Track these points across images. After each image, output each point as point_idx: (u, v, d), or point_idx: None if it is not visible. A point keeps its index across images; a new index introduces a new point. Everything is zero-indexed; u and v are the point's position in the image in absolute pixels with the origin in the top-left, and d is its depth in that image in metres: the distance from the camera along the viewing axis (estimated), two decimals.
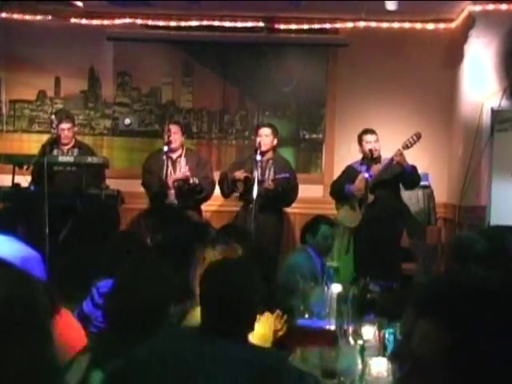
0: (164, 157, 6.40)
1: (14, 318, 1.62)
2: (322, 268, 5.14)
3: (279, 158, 6.72)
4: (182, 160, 6.56)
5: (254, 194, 6.07)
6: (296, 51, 7.64)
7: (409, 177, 6.25)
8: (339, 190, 6.52)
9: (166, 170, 6.40)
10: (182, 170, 6.48)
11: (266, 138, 6.50)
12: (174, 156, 6.53)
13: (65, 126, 6.63)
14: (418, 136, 6.20)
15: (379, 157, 6.36)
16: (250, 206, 6.11)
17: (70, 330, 2.49)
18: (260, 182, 6.23)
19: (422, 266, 4.93)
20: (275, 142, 6.61)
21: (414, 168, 6.26)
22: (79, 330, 2.62)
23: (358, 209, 6.34)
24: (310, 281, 4.18)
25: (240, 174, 6.38)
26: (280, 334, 3.45)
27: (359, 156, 6.55)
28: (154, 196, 6.55)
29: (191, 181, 6.35)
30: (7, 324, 1.61)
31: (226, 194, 6.63)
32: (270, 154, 6.56)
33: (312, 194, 7.37)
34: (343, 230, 6.54)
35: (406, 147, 6.18)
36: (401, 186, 6.44)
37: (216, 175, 6.81)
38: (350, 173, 6.50)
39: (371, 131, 6.43)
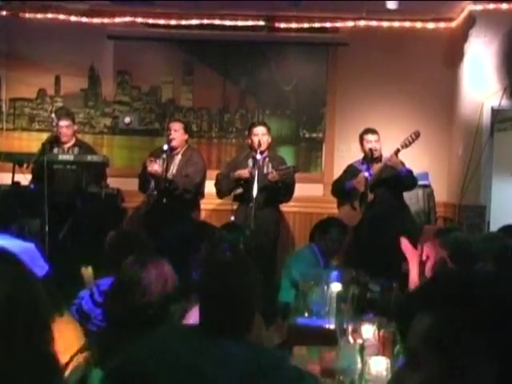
0: (164, 155, 6.40)
1: (15, 316, 1.62)
2: (325, 267, 5.13)
3: (275, 155, 6.75)
4: (178, 157, 6.56)
5: (254, 192, 6.07)
6: (296, 50, 7.64)
7: (403, 180, 6.23)
8: (340, 188, 6.53)
9: (162, 166, 6.38)
10: (176, 167, 6.49)
11: (263, 136, 6.51)
12: (173, 153, 6.53)
13: (64, 123, 6.65)
14: (417, 134, 6.20)
15: (380, 156, 6.36)
16: (250, 205, 6.10)
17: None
18: (263, 177, 6.23)
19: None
20: (270, 139, 6.62)
21: (409, 172, 6.24)
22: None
23: (359, 208, 6.34)
24: (309, 279, 4.17)
25: (245, 172, 6.36)
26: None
27: (359, 155, 6.55)
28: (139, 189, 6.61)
29: (169, 174, 6.34)
30: (8, 321, 1.61)
31: (224, 194, 6.61)
32: (266, 152, 6.57)
33: (312, 193, 7.37)
34: None
35: (405, 146, 6.18)
36: None
37: (215, 174, 6.81)
38: (351, 172, 6.50)
39: (372, 131, 6.43)
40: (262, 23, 7.50)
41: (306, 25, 7.45)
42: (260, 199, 6.15)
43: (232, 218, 6.27)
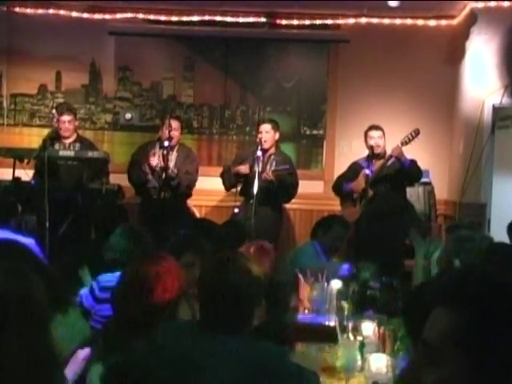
0: (165, 151, 6.40)
1: (11, 309, 1.62)
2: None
3: (281, 153, 6.73)
4: (174, 154, 6.58)
5: (255, 189, 6.08)
6: (297, 47, 7.63)
7: (408, 171, 6.25)
8: (338, 188, 6.55)
9: (165, 162, 6.41)
10: (172, 163, 6.51)
11: (266, 134, 6.51)
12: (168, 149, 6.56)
13: (65, 118, 6.63)
14: (417, 132, 6.21)
15: (383, 153, 6.35)
16: (250, 202, 6.12)
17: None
18: (260, 174, 6.23)
19: (423, 264, 4.95)
20: (277, 136, 6.62)
21: (413, 162, 6.26)
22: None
23: (359, 204, 6.35)
24: (310, 276, 4.17)
25: (245, 168, 6.39)
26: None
27: (360, 152, 6.57)
28: (135, 186, 6.65)
29: (170, 170, 6.37)
30: (4, 314, 1.61)
31: (227, 187, 6.66)
32: (271, 150, 6.57)
33: (312, 190, 7.37)
34: None
35: (405, 143, 6.20)
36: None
37: (216, 170, 6.86)
38: (354, 169, 6.49)
39: (376, 127, 6.42)
40: (263, 20, 7.49)
41: (307, 21, 7.44)
42: (260, 197, 6.15)
43: (236, 210, 6.29)
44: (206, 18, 7.47)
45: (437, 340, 1.16)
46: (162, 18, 7.52)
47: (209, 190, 7.09)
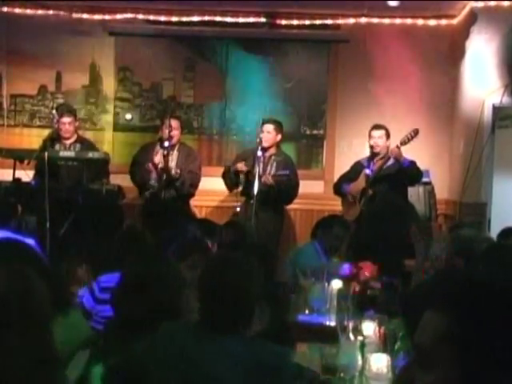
0: (165, 151, 6.41)
1: (12, 310, 1.62)
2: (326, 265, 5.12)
3: (282, 154, 6.71)
4: (175, 153, 6.59)
5: (255, 189, 6.09)
6: (297, 47, 7.63)
7: (407, 172, 6.25)
8: (338, 187, 6.56)
9: (167, 161, 6.44)
10: (174, 162, 6.52)
11: (267, 134, 6.52)
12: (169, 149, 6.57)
13: (66, 119, 6.64)
14: (416, 132, 6.22)
15: (384, 153, 6.34)
16: (251, 202, 6.13)
17: None
18: (260, 177, 6.24)
19: (419, 263, 4.95)
20: (278, 138, 6.62)
21: (412, 163, 6.26)
22: None
23: (358, 203, 6.36)
24: (310, 276, 4.17)
25: (242, 166, 6.40)
26: None
27: (360, 152, 6.58)
28: (139, 186, 6.67)
29: (173, 171, 6.39)
30: (5, 315, 1.61)
31: (229, 187, 6.66)
32: (272, 150, 6.57)
33: (313, 190, 7.37)
34: None
35: (404, 143, 6.21)
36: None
37: (216, 171, 6.87)
38: (356, 169, 6.50)
39: (378, 127, 6.43)
40: (263, 20, 7.49)
41: (307, 21, 7.44)
42: (260, 197, 6.16)
43: (238, 210, 6.30)
44: (206, 18, 7.47)
45: (428, 343, 1.15)
46: (162, 18, 7.52)
47: (209, 190, 7.08)
